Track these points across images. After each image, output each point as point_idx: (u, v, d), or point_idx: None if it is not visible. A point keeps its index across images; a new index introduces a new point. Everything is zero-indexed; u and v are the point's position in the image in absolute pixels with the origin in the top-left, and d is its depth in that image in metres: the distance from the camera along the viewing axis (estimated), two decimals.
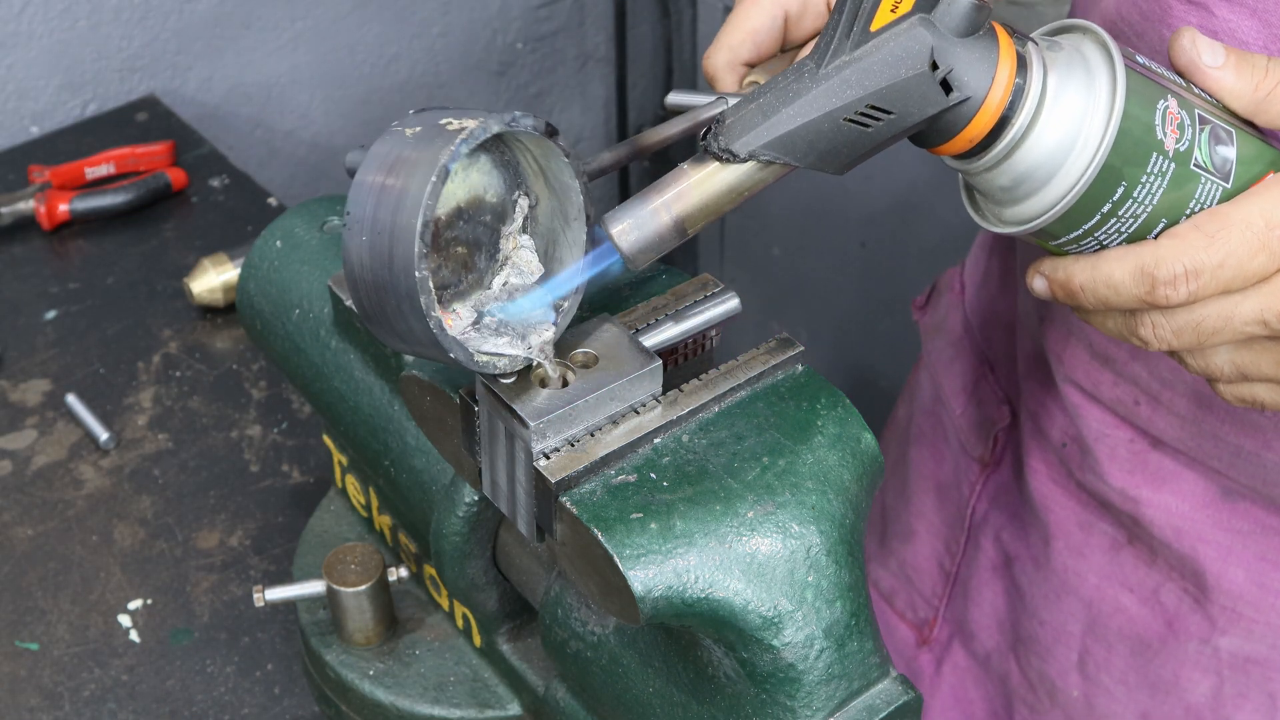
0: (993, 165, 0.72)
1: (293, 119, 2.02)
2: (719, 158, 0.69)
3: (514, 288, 0.75)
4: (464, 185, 0.74)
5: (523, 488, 0.74)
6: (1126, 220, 0.72)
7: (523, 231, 0.76)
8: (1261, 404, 0.78)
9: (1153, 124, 0.70)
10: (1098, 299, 0.74)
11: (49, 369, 1.42)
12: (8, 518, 1.28)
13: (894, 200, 2.09)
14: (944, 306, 1.29)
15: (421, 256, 0.67)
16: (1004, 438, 1.20)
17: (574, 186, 0.73)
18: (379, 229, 0.68)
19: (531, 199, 0.75)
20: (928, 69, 0.68)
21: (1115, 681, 1.12)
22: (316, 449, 1.33)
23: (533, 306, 0.74)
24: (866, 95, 0.68)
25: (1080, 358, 1.04)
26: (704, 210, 0.70)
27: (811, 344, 2.33)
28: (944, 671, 1.28)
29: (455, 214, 0.74)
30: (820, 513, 0.72)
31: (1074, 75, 0.70)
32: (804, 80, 0.69)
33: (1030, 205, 0.72)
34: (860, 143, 0.69)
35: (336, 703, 1.00)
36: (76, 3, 1.73)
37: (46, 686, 1.15)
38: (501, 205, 0.75)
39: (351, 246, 0.69)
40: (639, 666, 0.79)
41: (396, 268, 0.68)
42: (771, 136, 0.68)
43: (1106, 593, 1.10)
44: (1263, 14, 0.82)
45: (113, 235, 1.59)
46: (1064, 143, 0.70)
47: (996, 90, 0.69)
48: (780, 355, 0.78)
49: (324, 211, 1.04)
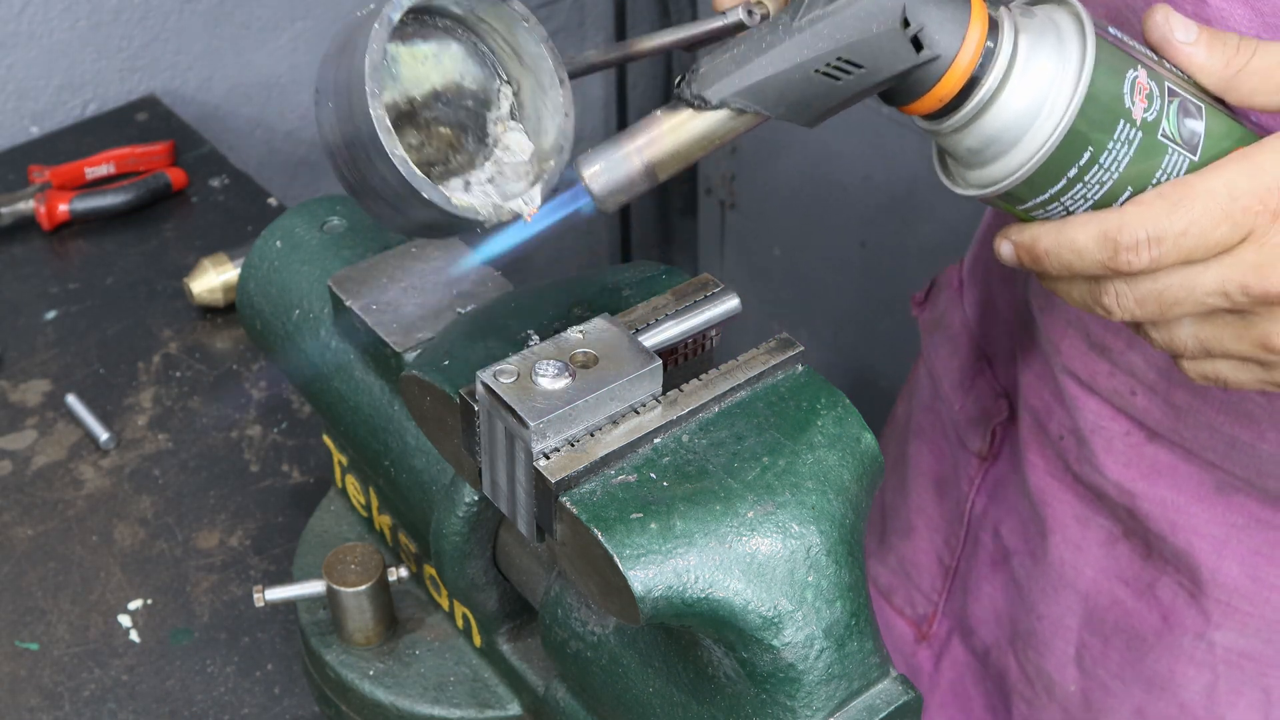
0: (961, 126, 0.73)
1: (293, 119, 2.02)
2: (691, 104, 0.71)
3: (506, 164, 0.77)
4: (437, 70, 0.76)
5: (523, 488, 0.74)
6: (1092, 186, 0.73)
7: (510, 118, 0.78)
8: (1225, 381, 0.79)
9: (1121, 93, 0.71)
10: (1062, 264, 0.75)
11: (49, 369, 1.42)
12: (8, 518, 1.28)
13: (894, 200, 2.09)
14: (943, 303, 1.30)
15: (374, 96, 0.69)
16: (1002, 432, 1.20)
17: (542, 53, 0.75)
18: (339, 89, 0.71)
19: (514, 85, 0.77)
20: (899, 25, 0.69)
21: (1111, 676, 1.12)
22: (316, 449, 1.33)
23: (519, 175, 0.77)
24: (837, 48, 0.69)
25: (1078, 347, 1.04)
26: (675, 157, 0.72)
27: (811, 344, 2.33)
28: (943, 667, 1.28)
29: (432, 95, 0.75)
30: (820, 513, 0.72)
31: (1045, 41, 0.72)
32: (778, 32, 0.70)
33: (997, 168, 0.74)
34: (830, 95, 0.71)
35: (336, 703, 1.00)
36: (76, 3, 1.73)
37: (46, 686, 1.15)
38: (484, 93, 0.77)
39: (323, 120, 0.72)
40: (639, 666, 0.79)
41: (357, 116, 0.70)
42: (743, 85, 0.70)
43: (1103, 586, 1.10)
44: (1255, 3, 0.83)
45: (113, 235, 1.59)
46: (1032, 106, 0.71)
47: (966, 50, 0.70)
48: (780, 355, 0.78)
49: (324, 211, 1.04)
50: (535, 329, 0.80)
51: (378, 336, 0.92)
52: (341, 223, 1.02)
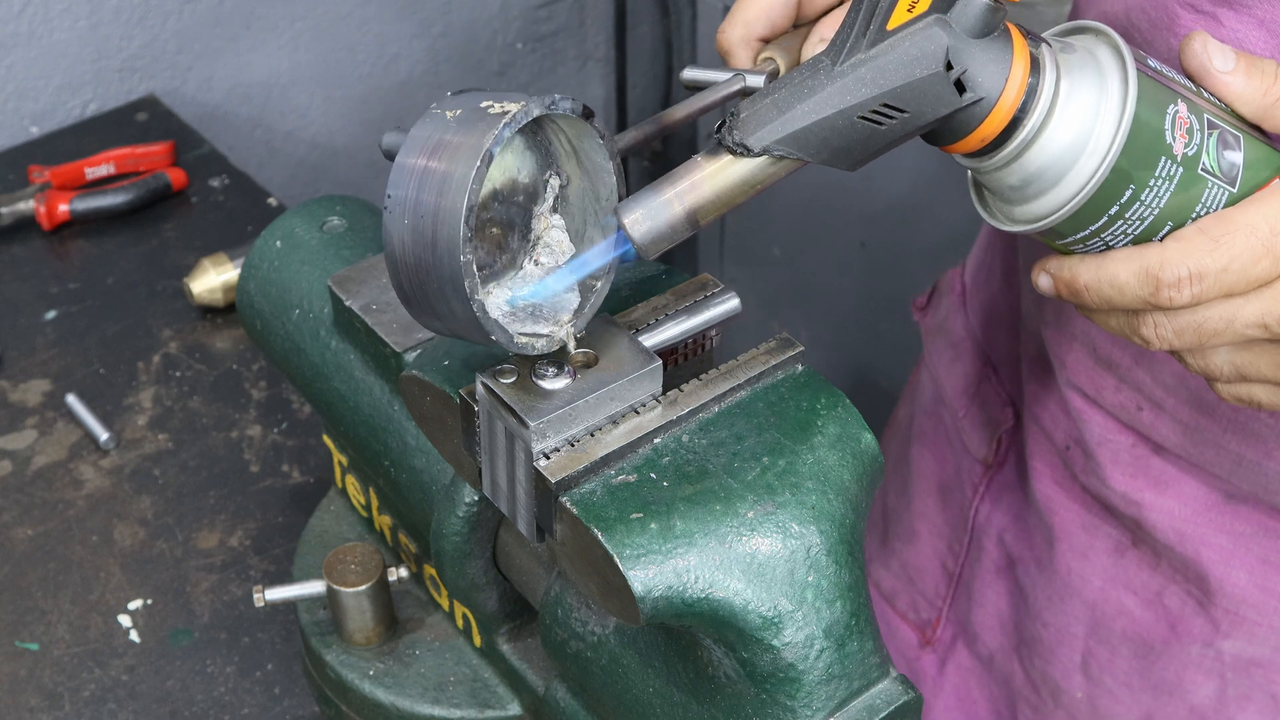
0: (1003, 165, 0.72)
1: (293, 119, 2.02)
2: (733, 151, 0.70)
3: (546, 267, 0.76)
4: (499, 167, 0.74)
5: (523, 488, 0.74)
6: (1133, 222, 0.72)
7: (553, 211, 0.76)
8: (1259, 404, 0.79)
9: (1162, 129, 0.71)
10: (1102, 298, 0.74)
11: (49, 369, 1.42)
12: (8, 518, 1.28)
13: (894, 200, 2.09)
14: (945, 308, 1.29)
15: (467, 240, 0.67)
16: (1007, 439, 1.20)
17: (607, 168, 0.74)
18: (422, 212, 0.68)
19: (563, 179, 0.76)
20: (942, 69, 0.68)
21: (1119, 683, 1.11)
22: (316, 449, 1.33)
23: (564, 285, 0.75)
24: (881, 94, 0.68)
25: (1083, 363, 1.04)
26: (717, 202, 0.71)
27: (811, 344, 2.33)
28: (948, 672, 1.28)
29: (491, 196, 0.74)
30: (820, 513, 0.72)
31: (1086, 77, 0.71)
32: (819, 77, 0.69)
33: (1039, 205, 0.73)
34: (873, 140, 0.70)
35: (336, 703, 1.00)
36: (76, 3, 1.73)
37: (46, 686, 1.15)
38: (534, 185, 0.76)
39: (393, 229, 0.70)
40: (639, 666, 0.79)
41: (440, 250, 0.68)
42: (786, 132, 0.69)
43: (1110, 595, 1.10)
44: (1270, 24, 0.83)
45: (113, 235, 1.59)
46: (1075, 144, 0.71)
47: (1010, 91, 0.69)
48: (780, 355, 0.78)
49: (324, 211, 1.04)
50: None
51: (378, 336, 0.92)
52: (341, 223, 1.02)
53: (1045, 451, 1.12)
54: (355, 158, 2.12)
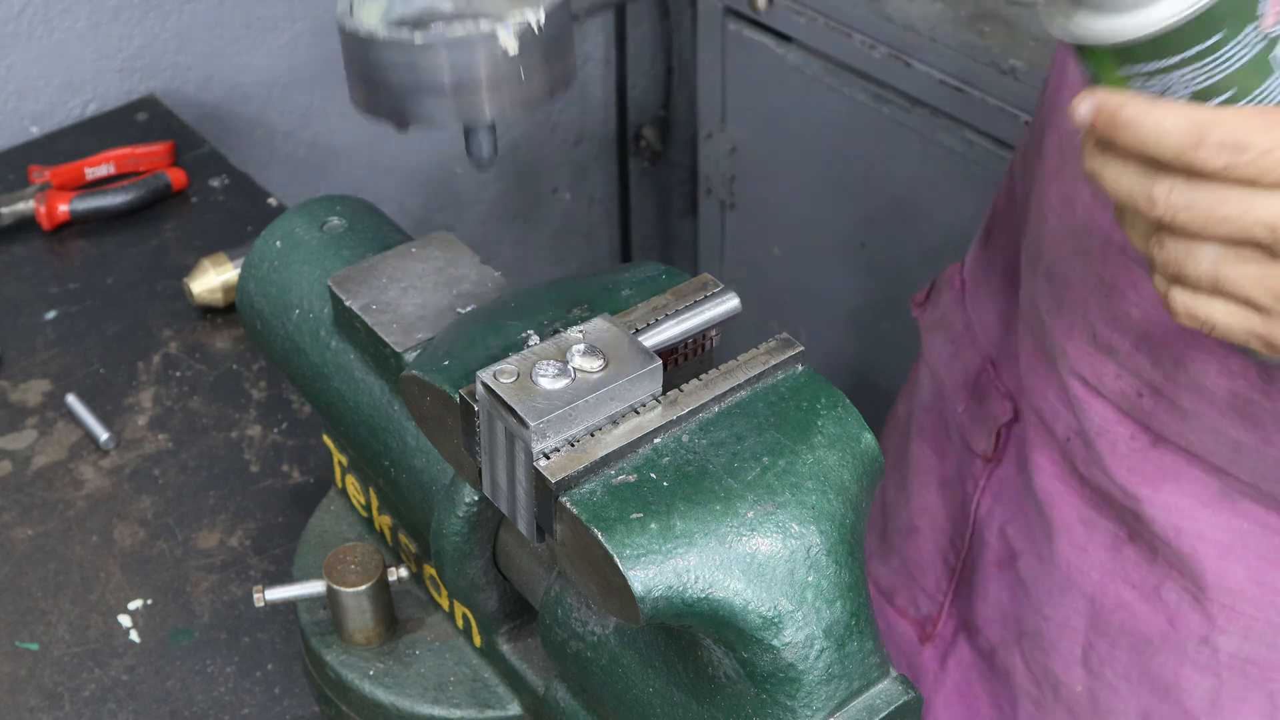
0: None
1: (293, 119, 2.02)
2: None
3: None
4: None
5: (523, 488, 0.74)
6: (1201, 75, 0.72)
7: None
8: (1213, 324, 0.77)
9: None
10: (1137, 138, 0.73)
11: (49, 369, 1.42)
12: (8, 518, 1.28)
13: (894, 200, 2.09)
14: (944, 304, 1.29)
15: None
16: (1007, 433, 1.20)
17: None
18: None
19: None
20: None
21: (1119, 677, 1.12)
22: (316, 449, 1.33)
23: None
24: None
25: (1084, 349, 1.04)
26: None
27: (811, 344, 2.33)
28: (949, 667, 1.28)
29: None
30: (820, 513, 0.72)
31: None
32: None
33: (1128, 20, 0.72)
34: None
35: (336, 703, 1.00)
36: (76, 3, 1.73)
37: (46, 686, 1.15)
38: None
39: None
40: (639, 666, 0.79)
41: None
42: None
43: (1109, 589, 1.10)
44: None
45: (113, 235, 1.59)
46: None
47: None
48: (780, 355, 0.78)
49: (324, 211, 1.04)
50: (535, 329, 0.80)
51: (378, 336, 0.92)
52: (341, 223, 1.02)
53: (1045, 445, 1.12)
54: (355, 158, 2.12)
